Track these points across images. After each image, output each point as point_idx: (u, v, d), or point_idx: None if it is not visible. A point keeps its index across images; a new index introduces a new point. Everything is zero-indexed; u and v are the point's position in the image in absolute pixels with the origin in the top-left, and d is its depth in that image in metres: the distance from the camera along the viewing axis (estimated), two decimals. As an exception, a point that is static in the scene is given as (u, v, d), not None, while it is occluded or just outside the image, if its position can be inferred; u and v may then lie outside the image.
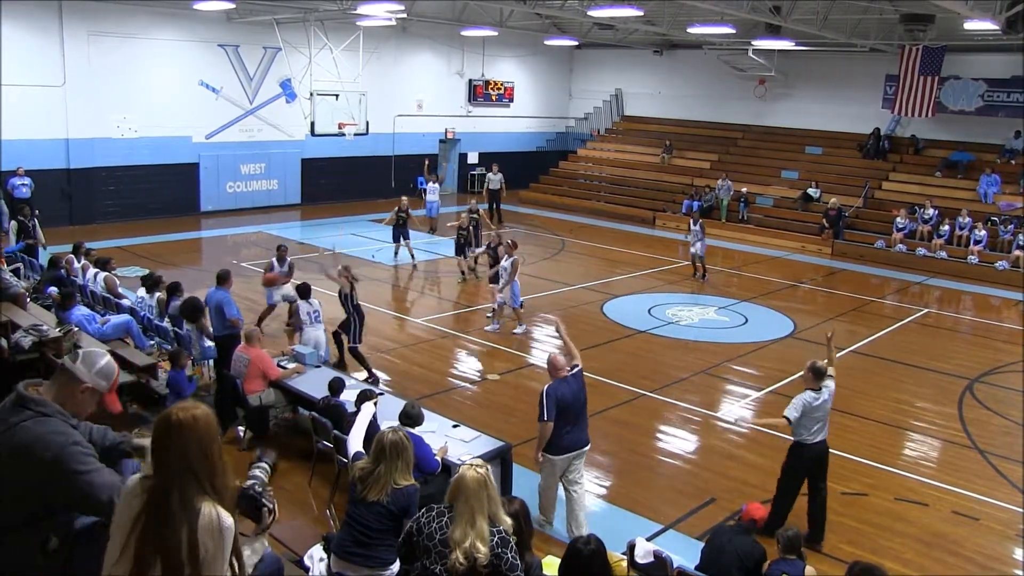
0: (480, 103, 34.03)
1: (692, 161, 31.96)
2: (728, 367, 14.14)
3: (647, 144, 33.71)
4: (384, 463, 5.55)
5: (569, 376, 8.14)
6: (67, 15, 22.65)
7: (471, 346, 14.94)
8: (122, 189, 24.72)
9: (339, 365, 12.74)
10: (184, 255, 21.27)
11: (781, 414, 8.29)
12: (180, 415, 2.93)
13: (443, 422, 9.29)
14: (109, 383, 3.58)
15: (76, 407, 3.49)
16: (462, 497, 4.75)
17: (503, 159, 33.55)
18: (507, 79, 34.82)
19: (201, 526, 2.84)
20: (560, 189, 33.34)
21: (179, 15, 24.34)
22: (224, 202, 26.91)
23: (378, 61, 28.97)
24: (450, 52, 32.42)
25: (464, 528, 4.68)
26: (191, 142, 26.03)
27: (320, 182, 29.00)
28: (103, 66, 23.50)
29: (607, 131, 36.44)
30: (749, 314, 17.54)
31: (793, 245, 25.76)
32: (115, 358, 10.22)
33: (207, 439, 2.94)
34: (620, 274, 20.93)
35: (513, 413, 11.56)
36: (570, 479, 8.24)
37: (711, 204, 28.21)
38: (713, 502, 9.33)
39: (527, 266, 21.25)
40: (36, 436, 3.27)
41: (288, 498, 8.95)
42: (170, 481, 2.86)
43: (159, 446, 2.94)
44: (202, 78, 25.92)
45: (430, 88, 32.35)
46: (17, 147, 21.85)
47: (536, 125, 36.85)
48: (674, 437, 11.30)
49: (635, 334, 15.85)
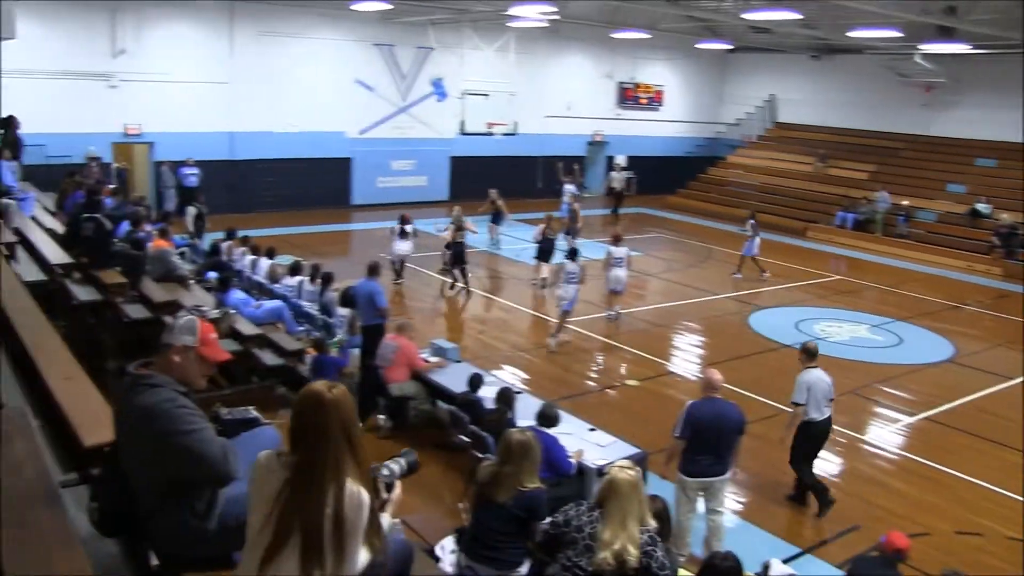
0: (629, 106, 33.88)
1: (848, 171, 30.86)
2: (878, 388, 13.57)
3: (800, 152, 32.82)
4: (511, 463, 5.53)
5: (719, 399, 7.84)
6: (238, 16, 23.78)
7: (612, 350, 14.87)
8: (279, 181, 25.76)
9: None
10: (334, 246, 22.00)
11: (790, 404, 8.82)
12: (331, 392, 2.99)
13: (580, 425, 9.25)
14: (195, 336, 3.57)
15: (181, 373, 3.53)
16: (614, 499, 4.73)
17: (651, 164, 33.60)
18: (657, 82, 34.54)
19: (346, 501, 2.90)
20: (708, 196, 32.75)
21: (338, 15, 25.16)
22: (374, 196, 27.62)
23: (528, 62, 29.16)
24: (600, 54, 32.35)
25: (615, 530, 4.67)
26: (345, 137, 26.89)
27: (467, 180, 29.41)
28: (267, 64, 24.57)
29: (759, 138, 35.67)
30: (904, 334, 16.80)
31: (958, 264, 24.36)
32: (265, 341, 10.66)
33: (351, 417, 3.01)
34: (768, 286, 20.46)
35: (650, 421, 11.43)
36: (709, 507, 7.95)
37: (867, 217, 27.21)
38: (856, 529, 8.96)
39: (672, 272, 21.08)
40: (148, 407, 3.36)
41: (422, 489, 9.11)
42: (318, 456, 2.92)
43: (308, 422, 2.99)
44: (357, 76, 26.74)
45: (579, 90, 32.36)
46: (188, 139, 23.29)
47: (685, 130, 36.37)
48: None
49: (780, 348, 15.43)
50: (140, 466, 3.45)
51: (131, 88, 22.47)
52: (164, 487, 3.40)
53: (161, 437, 3.33)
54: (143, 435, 3.39)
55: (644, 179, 33.79)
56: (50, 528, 3.15)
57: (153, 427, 3.34)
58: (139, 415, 3.39)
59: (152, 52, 22.68)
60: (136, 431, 3.43)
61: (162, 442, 3.33)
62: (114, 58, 22.17)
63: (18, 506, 3.24)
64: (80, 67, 21.61)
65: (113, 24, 22.01)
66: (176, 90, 23.17)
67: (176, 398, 3.43)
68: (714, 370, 8.20)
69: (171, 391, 3.43)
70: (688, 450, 7.77)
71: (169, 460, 3.34)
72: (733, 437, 7.80)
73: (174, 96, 23.19)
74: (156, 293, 10.37)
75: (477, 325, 15.99)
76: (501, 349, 14.44)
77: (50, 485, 3.52)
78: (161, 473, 3.38)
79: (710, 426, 7.67)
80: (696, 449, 7.73)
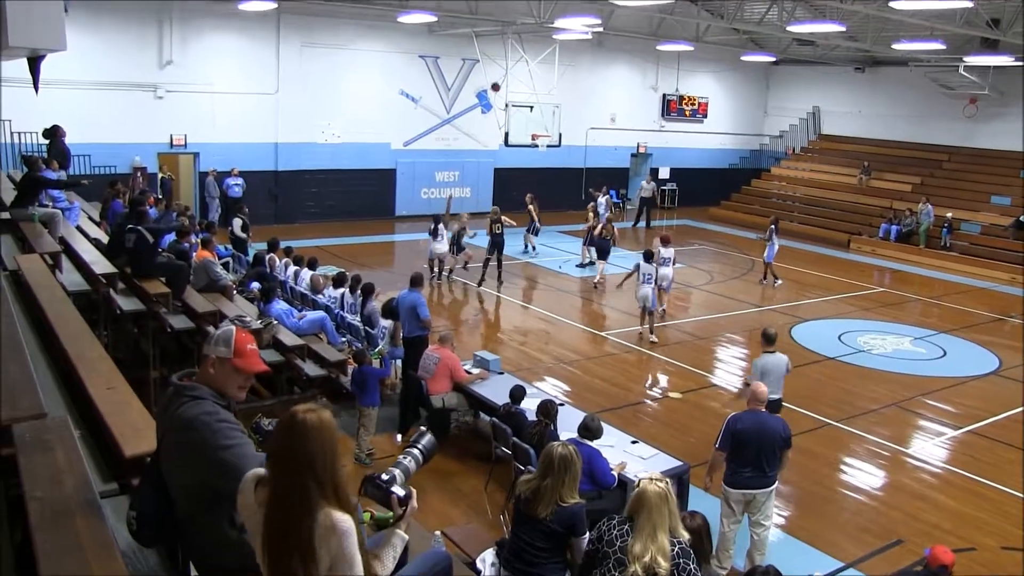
0: (673, 118, 33.74)
1: (892, 183, 30.48)
2: (922, 401, 13.36)
3: (844, 164, 32.47)
4: (551, 477, 5.47)
5: (764, 412, 7.77)
6: (284, 27, 24.02)
7: (654, 362, 14.78)
8: (323, 191, 25.95)
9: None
10: (377, 257, 22.09)
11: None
12: (307, 416, 2.91)
13: (622, 437, 9.20)
14: (229, 347, 3.55)
15: (220, 383, 3.53)
16: (643, 511, 4.72)
17: (695, 175, 33.65)
18: (701, 94, 34.38)
19: (320, 534, 2.83)
20: (751, 208, 32.47)
21: (384, 27, 25.29)
22: (418, 207, 27.67)
23: (573, 74, 29.17)
24: (645, 66, 32.29)
25: (645, 542, 4.65)
26: (390, 149, 27.04)
27: (511, 191, 29.37)
28: (312, 75, 24.78)
29: (803, 150, 35.36)
30: (948, 347, 16.52)
31: (1003, 276, 23.95)
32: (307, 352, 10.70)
33: (330, 443, 2.92)
34: (811, 298, 20.22)
35: (691, 433, 11.35)
36: (753, 519, 7.85)
37: (910, 228, 26.86)
38: (900, 544, 8.82)
39: (715, 284, 20.95)
40: (190, 418, 3.37)
41: (464, 501, 9.11)
42: (291, 485, 2.87)
43: (281, 447, 2.93)
44: (402, 87, 26.88)
45: (623, 102, 32.32)
46: (233, 150, 23.57)
47: (729, 142, 36.18)
48: (860, 471, 10.79)
49: (823, 360, 15.27)
50: (179, 476, 3.46)
51: (177, 99, 22.76)
52: (201, 497, 3.41)
53: (200, 449, 3.35)
54: (183, 446, 3.41)
55: (687, 191, 33.75)
56: (89, 538, 3.16)
57: (192, 438, 3.35)
58: (180, 426, 3.41)
59: (198, 63, 22.98)
60: (176, 442, 3.44)
61: (200, 454, 3.34)
62: (161, 69, 22.48)
63: (58, 516, 3.26)
64: (127, 78, 21.93)
65: (160, 35, 22.34)
66: (222, 101, 23.46)
67: (217, 411, 3.43)
68: (760, 383, 8.13)
69: (212, 404, 3.44)
70: (731, 462, 7.73)
71: (207, 472, 3.35)
72: (777, 450, 7.70)
73: (219, 107, 23.47)
74: (199, 303, 10.45)
75: (519, 336, 15.96)
76: (543, 360, 14.40)
77: (90, 495, 3.54)
78: (199, 484, 3.40)
79: (751, 438, 7.60)
80: (739, 461, 7.68)
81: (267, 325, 10.89)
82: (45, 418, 4.14)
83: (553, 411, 8.63)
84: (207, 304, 10.48)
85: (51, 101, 16.52)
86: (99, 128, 20.94)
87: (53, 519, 3.21)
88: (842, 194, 31.14)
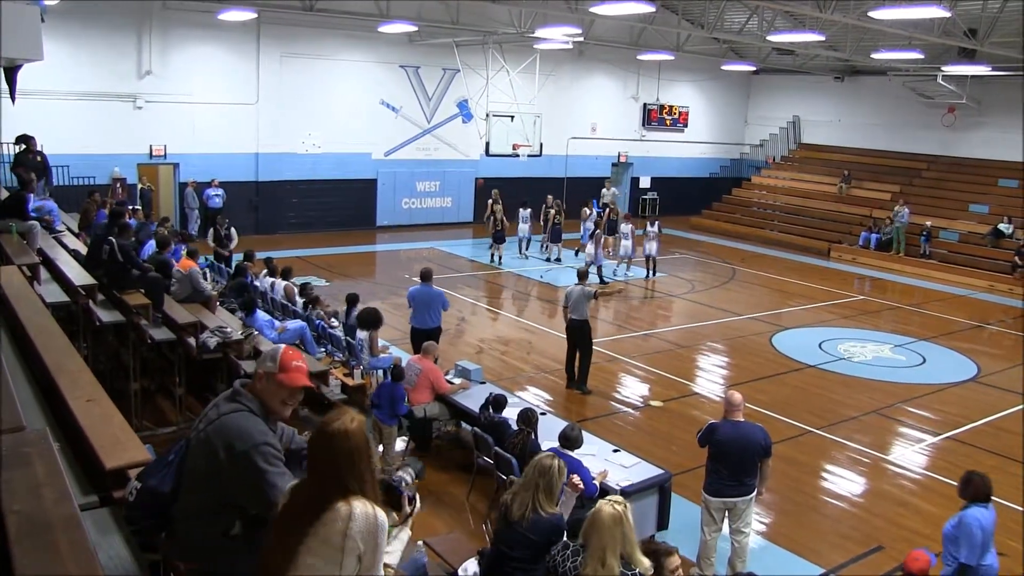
0: (654, 127, 33.86)
1: (872, 192, 30.69)
2: (902, 408, 13.44)
3: (824, 173, 32.67)
4: (530, 488, 5.47)
5: (744, 422, 7.77)
6: (264, 37, 23.97)
7: (636, 371, 14.80)
8: (304, 202, 25.92)
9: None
10: (359, 267, 22.05)
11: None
12: (335, 426, 3.05)
13: (603, 446, 9.17)
14: (276, 363, 3.68)
15: (266, 397, 3.65)
16: (595, 533, 4.67)
17: (676, 185, 33.85)
18: (682, 104, 34.53)
19: (358, 527, 2.96)
20: (732, 217, 32.73)
21: (364, 37, 25.28)
22: (399, 217, 27.73)
23: (554, 84, 29.25)
24: (626, 76, 32.41)
25: (595, 566, 4.59)
26: (370, 159, 27.02)
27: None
28: (292, 85, 24.75)
29: (783, 159, 35.57)
30: (928, 354, 16.65)
31: (980, 284, 24.20)
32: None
33: (360, 450, 3.06)
34: (791, 306, 20.33)
35: (673, 442, 11.36)
36: (734, 527, 7.86)
37: (891, 237, 27.03)
38: (880, 550, 8.86)
39: (696, 293, 21.01)
40: (239, 427, 3.50)
41: (446, 511, 9.09)
42: (321, 488, 3.02)
43: (314, 454, 3.09)
44: (383, 97, 26.88)
45: (604, 111, 32.45)
46: (213, 160, 23.48)
47: (710, 151, 36.36)
48: (841, 478, 10.83)
49: (804, 368, 15.33)
50: (202, 471, 3.56)
51: (157, 109, 22.67)
52: (214, 501, 3.48)
53: (236, 459, 3.46)
54: (218, 446, 3.50)
55: (668, 200, 33.87)
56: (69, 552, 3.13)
57: (232, 445, 3.48)
58: (224, 426, 3.54)
59: (178, 73, 22.89)
60: (213, 439, 3.53)
61: (234, 463, 3.46)
62: (140, 79, 22.38)
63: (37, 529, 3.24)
64: (106, 88, 21.83)
65: (139, 45, 22.24)
66: (202, 111, 23.37)
67: (267, 433, 3.59)
68: (734, 391, 8.16)
69: (264, 424, 3.61)
70: (711, 471, 7.76)
71: (232, 482, 3.47)
72: (756, 459, 7.73)
73: (199, 117, 23.38)
74: (180, 315, 10.39)
75: (500, 346, 15.95)
76: (525, 370, 14.40)
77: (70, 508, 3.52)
78: (219, 489, 3.50)
79: (732, 449, 7.64)
80: (718, 469, 7.72)
81: (248, 336, 10.84)
82: (24, 431, 4.11)
83: (534, 419, 8.64)
84: (188, 315, 10.41)
85: (28, 111, 16.43)
86: (78, 139, 20.82)
87: (32, 533, 3.18)
88: (822, 203, 31.32)
